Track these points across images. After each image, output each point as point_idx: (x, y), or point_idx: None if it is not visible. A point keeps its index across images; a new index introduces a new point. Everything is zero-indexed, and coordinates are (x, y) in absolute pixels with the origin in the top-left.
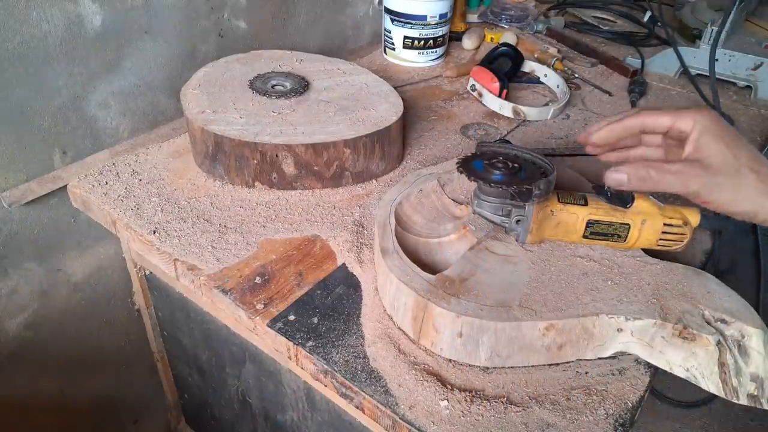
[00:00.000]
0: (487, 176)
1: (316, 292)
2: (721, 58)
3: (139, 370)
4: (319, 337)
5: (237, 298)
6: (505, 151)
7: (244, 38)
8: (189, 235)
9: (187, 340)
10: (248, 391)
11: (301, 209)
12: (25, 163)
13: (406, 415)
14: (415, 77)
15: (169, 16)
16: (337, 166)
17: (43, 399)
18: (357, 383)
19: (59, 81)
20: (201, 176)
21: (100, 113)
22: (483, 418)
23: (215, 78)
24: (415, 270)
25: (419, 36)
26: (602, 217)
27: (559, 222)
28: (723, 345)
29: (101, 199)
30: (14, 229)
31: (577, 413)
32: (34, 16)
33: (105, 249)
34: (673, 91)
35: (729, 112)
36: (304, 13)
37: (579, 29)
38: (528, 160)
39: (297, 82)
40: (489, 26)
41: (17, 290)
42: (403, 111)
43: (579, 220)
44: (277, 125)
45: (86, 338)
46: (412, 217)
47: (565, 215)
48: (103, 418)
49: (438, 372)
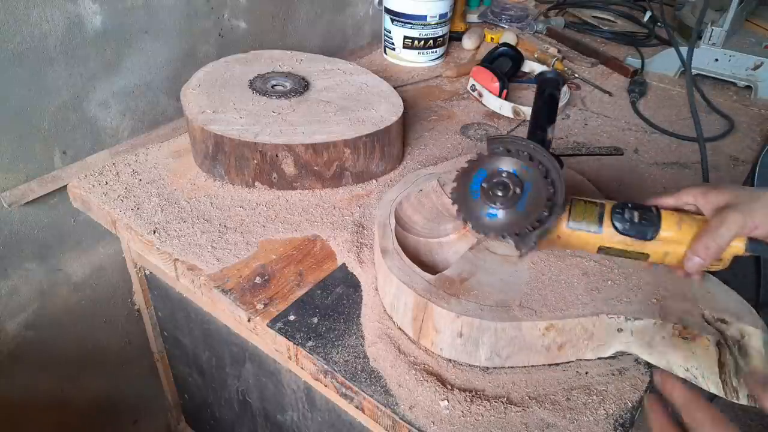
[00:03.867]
0: (480, 213)
1: (316, 292)
2: (721, 58)
3: (139, 370)
4: (319, 337)
5: (237, 298)
6: (516, 146)
7: (244, 38)
8: (189, 235)
9: (187, 340)
10: (248, 391)
11: (301, 209)
12: (25, 163)
13: (406, 415)
14: (415, 77)
15: (169, 16)
16: (337, 166)
17: (44, 398)
18: (357, 383)
19: (59, 81)
20: (201, 176)
21: (100, 113)
22: (483, 418)
23: (215, 78)
24: (415, 270)
25: (419, 36)
26: (617, 245)
27: (567, 243)
28: (723, 345)
29: (101, 199)
30: (14, 229)
31: (577, 413)
32: (34, 16)
33: (105, 249)
34: (673, 91)
35: (729, 112)
36: (304, 13)
37: (579, 29)
38: (538, 171)
39: (297, 82)
40: (489, 26)
41: (17, 290)
42: (403, 111)
43: (589, 245)
44: (277, 125)
45: (86, 338)
46: (412, 217)
47: (574, 240)
48: (103, 418)
49: (438, 372)
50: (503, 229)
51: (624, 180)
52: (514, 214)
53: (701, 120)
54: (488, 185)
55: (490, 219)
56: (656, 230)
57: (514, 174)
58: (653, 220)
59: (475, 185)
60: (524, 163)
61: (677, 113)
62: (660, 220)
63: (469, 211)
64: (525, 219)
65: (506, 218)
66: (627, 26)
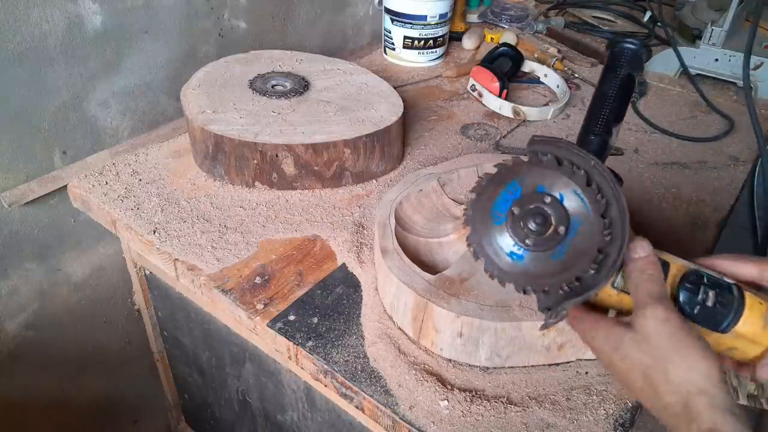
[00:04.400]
0: (499, 248)
1: (316, 292)
2: (721, 58)
3: (139, 370)
4: (319, 337)
5: (237, 298)
6: (570, 156)
7: (244, 38)
8: (189, 235)
9: (187, 340)
10: (248, 391)
11: (301, 209)
12: (25, 163)
13: (406, 415)
14: (415, 77)
15: (169, 16)
16: (337, 166)
17: (43, 398)
18: (357, 383)
19: (59, 81)
20: (201, 176)
21: (100, 113)
22: (483, 418)
23: (215, 78)
24: (415, 270)
25: (419, 36)
26: None
27: (601, 301)
28: None
29: (101, 199)
30: (14, 229)
31: (577, 413)
32: (34, 16)
33: (105, 249)
34: (673, 91)
35: (729, 112)
36: (304, 13)
37: (579, 29)
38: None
39: (297, 82)
40: (489, 26)
41: (17, 290)
42: (403, 111)
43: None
44: (277, 125)
45: (86, 338)
46: (412, 217)
47: (613, 300)
48: (103, 418)
49: (438, 372)
50: (527, 280)
51: (624, 180)
52: (548, 262)
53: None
54: (521, 211)
55: (511, 261)
56: (733, 322)
57: (560, 201)
58: (733, 306)
59: (501, 205)
60: (578, 188)
61: (677, 113)
62: (742, 309)
63: (485, 240)
64: (562, 273)
65: (535, 265)
66: (627, 26)
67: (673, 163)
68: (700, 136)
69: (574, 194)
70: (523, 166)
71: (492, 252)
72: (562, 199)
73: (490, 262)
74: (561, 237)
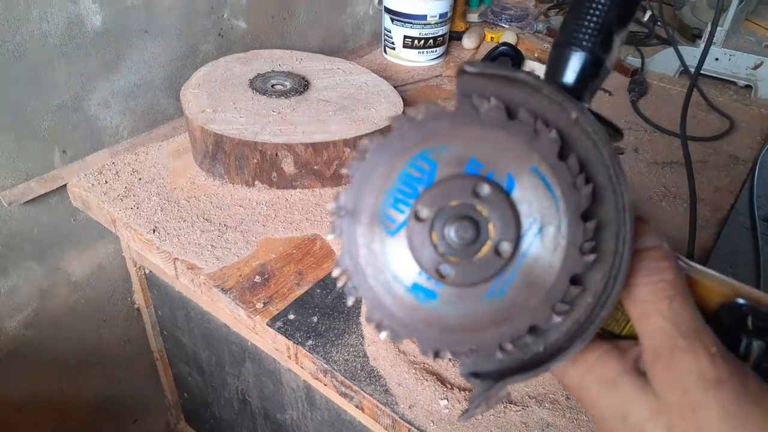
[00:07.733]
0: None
1: (316, 291)
2: (721, 57)
3: (138, 369)
4: (319, 336)
5: (236, 297)
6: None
7: (244, 38)
8: (189, 234)
9: (186, 339)
10: (248, 391)
11: (301, 208)
12: (25, 162)
13: (406, 415)
14: (415, 77)
15: (168, 16)
16: (337, 165)
17: (43, 398)
18: (357, 382)
19: (59, 81)
20: (201, 175)
21: (100, 113)
22: (483, 418)
23: (215, 77)
24: None
25: (419, 35)
26: None
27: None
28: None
29: (101, 198)
30: (14, 228)
31: (577, 413)
32: (33, 15)
33: (105, 248)
34: (673, 90)
35: (729, 111)
36: (304, 13)
37: None
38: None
39: (297, 81)
40: (489, 26)
41: (17, 289)
42: (403, 110)
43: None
44: (277, 125)
45: (86, 337)
46: None
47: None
48: (103, 418)
49: (438, 371)
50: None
51: None
52: (479, 304)
53: (701, 120)
54: (434, 211)
55: (416, 301)
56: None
57: (508, 191)
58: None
59: (398, 198)
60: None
61: (677, 112)
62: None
63: (368, 265)
64: (503, 323)
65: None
66: None
67: (673, 162)
68: (700, 136)
69: (534, 176)
70: (443, 123)
71: (380, 286)
72: (511, 187)
73: (375, 305)
74: (504, 260)
